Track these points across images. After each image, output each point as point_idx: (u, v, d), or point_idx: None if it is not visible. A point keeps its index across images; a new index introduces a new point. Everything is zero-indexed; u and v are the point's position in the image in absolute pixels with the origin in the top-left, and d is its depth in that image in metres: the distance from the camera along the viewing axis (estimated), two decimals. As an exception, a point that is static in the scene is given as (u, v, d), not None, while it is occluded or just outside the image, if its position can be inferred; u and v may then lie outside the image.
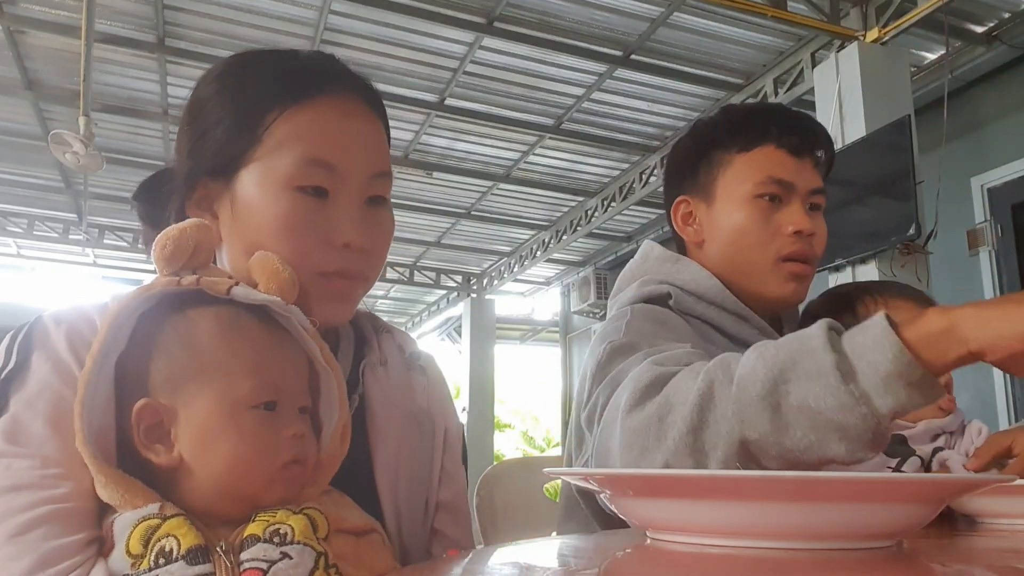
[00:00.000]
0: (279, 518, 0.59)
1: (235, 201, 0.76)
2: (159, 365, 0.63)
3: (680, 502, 0.50)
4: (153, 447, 0.61)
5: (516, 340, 12.14)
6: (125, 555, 0.56)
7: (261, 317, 0.67)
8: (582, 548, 0.59)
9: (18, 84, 5.18)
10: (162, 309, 0.65)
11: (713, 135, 1.21)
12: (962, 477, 0.63)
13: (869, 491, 0.47)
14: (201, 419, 0.61)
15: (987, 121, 4.68)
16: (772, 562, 0.46)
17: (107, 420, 0.62)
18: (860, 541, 0.48)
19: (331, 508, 0.64)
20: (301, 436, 0.64)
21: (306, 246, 0.74)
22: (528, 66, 5.05)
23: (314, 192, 0.75)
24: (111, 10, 4.43)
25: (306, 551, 0.57)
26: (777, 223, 1.14)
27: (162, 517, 0.58)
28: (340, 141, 0.76)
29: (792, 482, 0.47)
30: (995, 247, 4.56)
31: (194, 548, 0.56)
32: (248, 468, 0.61)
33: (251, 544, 0.58)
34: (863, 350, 0.64)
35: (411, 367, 0.88)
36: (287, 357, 0.66)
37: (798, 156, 1.16)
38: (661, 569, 0.48)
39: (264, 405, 0.63)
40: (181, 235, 0.66)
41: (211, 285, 0.65)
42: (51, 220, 7.92)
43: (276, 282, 0.68)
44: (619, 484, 0.55)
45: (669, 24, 4.57)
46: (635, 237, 8.13)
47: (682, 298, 1.13)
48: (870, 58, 4.03)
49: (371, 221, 0.78)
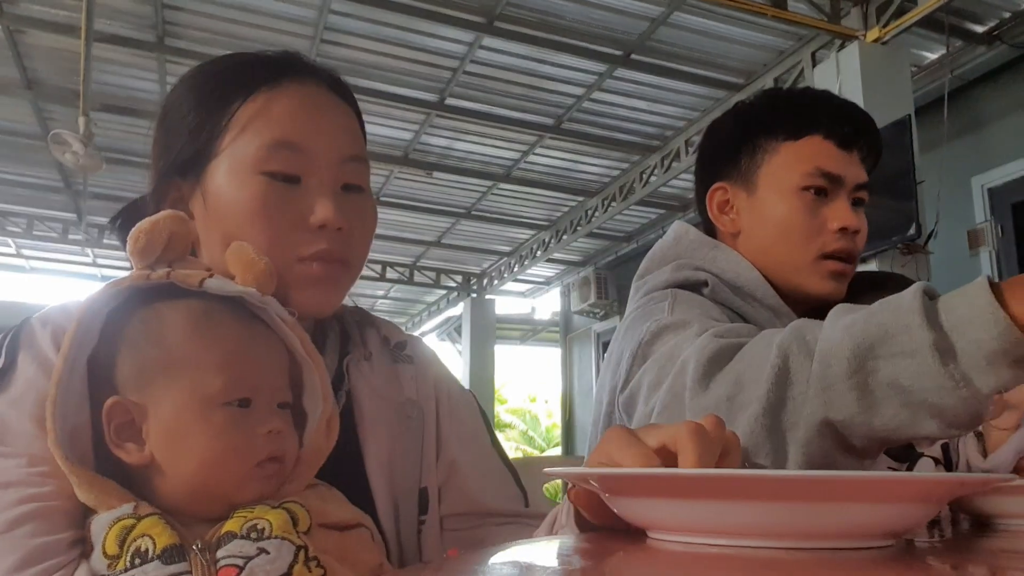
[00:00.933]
0: (256, 513, 0.59)
1: (206, 195, 0.75)
2: (128, 361, 0.62)
3: (680, 502, 0.49)
4: (124, 446, 0.60)
5: (516, 340, 12.14)
6: (102, 556, 0.56)
7: (237, 310, 0.65)
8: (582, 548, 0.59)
9: (18, 84, 5.18)
10: (132, 304, 0.64)
11: (759, 119, 1.14)
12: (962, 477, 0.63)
13: (869, 491, 0.46)
14: (171, 417, 0.60)
15: (987, 121, 4.68)
16: (772, 562, 0.46)
17: (81, 419, 0.61)
18: (860, 541, 0.48)
19: (315, 502, 0.63)
20: (278, 433, 0.62)
21: (279, 230, 0.73)
22: (528, 66, 5.06)
23: (283, 178, 0.73)
24: (111, 9, 4.43)
25: (284, 545, 0.56)
26: (823, 218, 1.08)
27: (136, 517, 0.57)
28: (307, 124, 0.75)
29: (792, 482, 0.47)
30: (995, 247, 4.57)
31: (169, 547, 0.55)
32: (220, 467, 0.60)
33: (227, 541, 0.57)
34: (964, 325, 0.59)
35: (397, 359, 0.87)
36: (264, 351, 0.65)
37: (847, 148, 1.10)
38: (661, 569, 0.48)
39: (237, 402, 0.61)
40: (153, 227, 0.65)
41: (182, 278, 0.64)
42: (51, 220, 7.93)
43: (252, 273, 0.66)
44: (619, 484, 0.55)
45: (669, 24, 4.58)
46: (635, 237, 8.14)
47: (719, 287, 1.08)
48: (870, 58, 4.03)
49: (348, 206, 0.77)
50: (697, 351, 0.79)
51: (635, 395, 0.92)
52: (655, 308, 1.02)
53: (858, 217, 1.10)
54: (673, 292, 1.06)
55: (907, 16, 3.91)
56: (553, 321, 10.76)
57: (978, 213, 4.66)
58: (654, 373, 0.89)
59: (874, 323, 0.63)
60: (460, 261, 9.40)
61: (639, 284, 1.17)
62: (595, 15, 4.54)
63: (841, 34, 4.19)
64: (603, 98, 5.46)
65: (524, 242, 8.56)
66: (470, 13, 4.53)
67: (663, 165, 6.05)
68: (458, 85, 5.27)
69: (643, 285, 1.15)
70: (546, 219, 7.90)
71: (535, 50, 4.84)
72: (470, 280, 9.86)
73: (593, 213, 7.17)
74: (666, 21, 4.54)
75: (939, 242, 3.92)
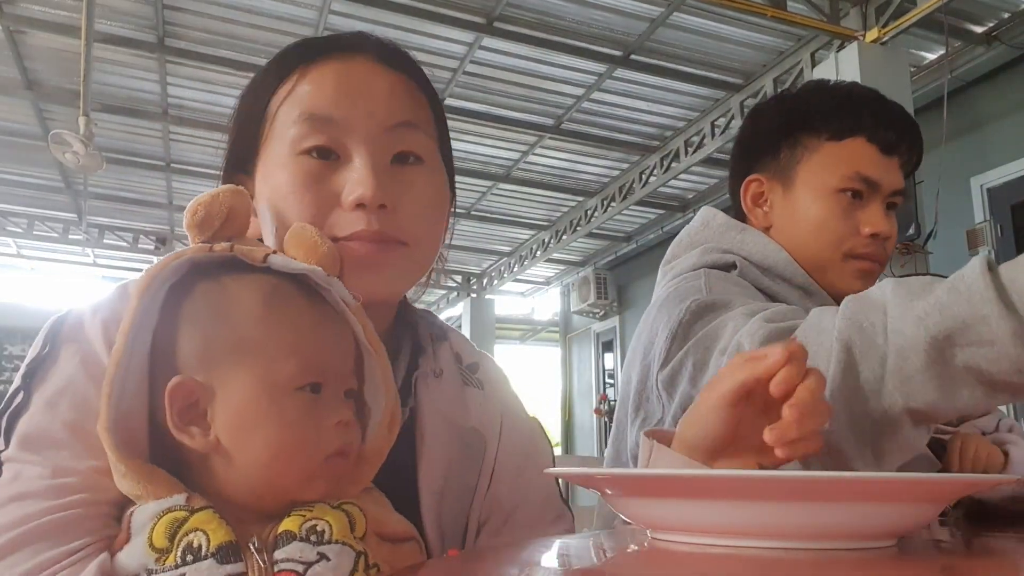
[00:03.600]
0: (316, 513, 0.55)
1: (258, 187, 0.72)
2: (193, 339, 0.57)
3: (681, 502, 0.50)
4: (188, 430, 0.55)
5: (516, 340, 12.13)
6: (148, 549, 0.52)
7: (302, 289, 0.60)
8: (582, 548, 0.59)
9: (18, 84, 5.18)
10: (194, 278, 0.59)
11: (804, 114, 1.13)
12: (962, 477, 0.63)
13: (869, 491, 0.47)
14: (240, 400, 0.55)
15: (987, 121, 4.68)
16: (772, 562, 0.46)
17: (137, 402, 0.57)
18: (860, 541, 0.48)
19: (371, 507, 0.59)
20: (347, 424, 0.58)
21: (314, 212, 0.68)
22: (528, 66, 5.06)
23: (320, 153, 0.69)
24: (111, 10, 4.43)
25: (345, 551, 0.53)
26: (856, 221, 1.08)
27: (189, 510, 0.53)
28: (341, 95, 0.70)
29: (792, 482, 0.47)
30: (995, 247, 4.56)
31: (225, 545, 0.51)
32: (289, 458, 0.55)
33: (286, 542, 0.53)
34: None
35: (467, 380, 0.81)
36: (331, 334, 0.60)
37: (888, 154, 1.10)
38: (662, 569, 0.48)
39: (309, 387, 0.57)
40: (213, 200, 0.60)
41: (246, 252, 0.60)
42: (51, 220, 7.92)
43: (315, 257, 0.61)
44: (620, 484, 0.55)
45: (669, 24, 4.58)
46: (635, 237, 8.13)
47: (747, 269, 1.08)
48: (870, 58, 4.03)
49: (397, 180, 0.70)
50: (750, 335, 0.78)
51: (677, 374, 0.92)
52: (690, 287, 1.01)
53: (890, 223, 1.11)
54: (706, 272, 1.05)
55: (906, 17, 3.91)
56: (552, 321, 10.76)
57: (977, 213, 4.66)
58: (699, 353, 0.88)
59: (949, 315, 0.64)
60: (460, 261, 9.39)
61: (667, 269, 1.17)
62: (595, 15, 4.54)
63: (840, 34, 4.19)
64: (603, 98, 5.46)
65: (524, 242, 8.56)
66: (470, 13, 4.52)
67: (663, 165, 6.05)
68: (458, 85, 5.27)
69: (671, 269, 1.15)
70: (546, 219, 7.90)
71: (535, 50, 4.84)
72: (470, 280, 9.85)
73: (593, 213, 7.17)
74: (666, 21, 4.54)
75: (938, 242, 3.92)
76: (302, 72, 0.72)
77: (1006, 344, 0.61)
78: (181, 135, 5.98)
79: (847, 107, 1.12)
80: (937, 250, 3.94)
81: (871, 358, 0.68)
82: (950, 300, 0.64)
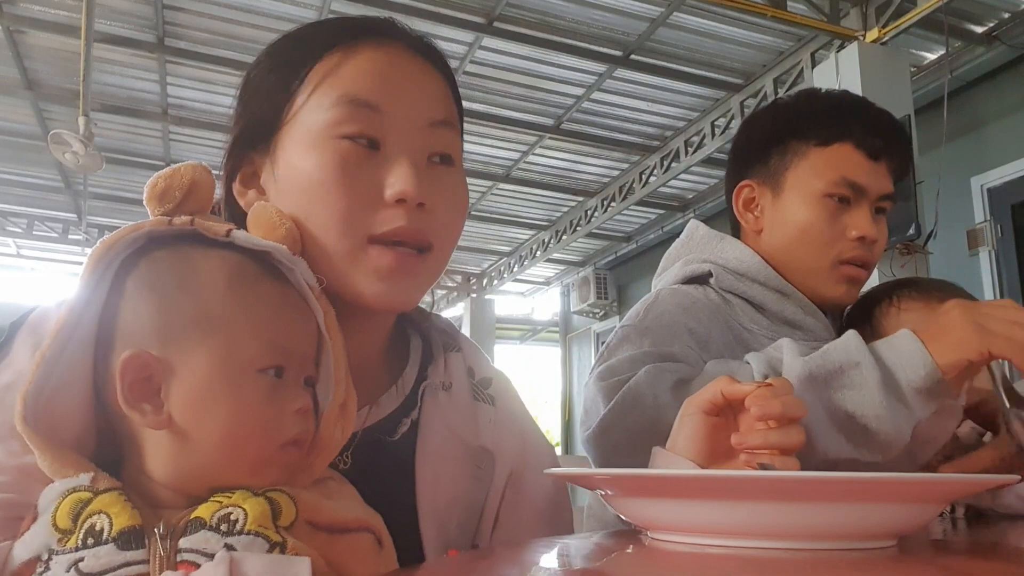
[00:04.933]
0: (234, 500, 0.51)
1: (276, 166, 0.67)
2: (150, 310, 0.54)
3: (680, 502, 0.50)
4: (139, 406, 0.52)
5: (516, 340, 12.13)
6: (51, 528, 0.49)
7: (264, 267, 0.58)
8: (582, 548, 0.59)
9: (18, 84, 5.18)
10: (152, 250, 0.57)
11: (794, 121, 1.15)
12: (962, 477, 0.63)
13: (869, 491, 0.47)
14: (198, 378, 0.52)
15: (987, 121, 4.68)
16: (772, 562, 0.46)
17: (73, 376, 0.54)
18: (860, 541, 0.48)
19: (309, 496, 0.55)
20: (306, 412, 0.56)
21: (351, 202, 0.63)
22: (528, 66, 5.05)
23: (362, 140, 0.64)
24: (111, 10, 4.43)
25: (256, 542, 0.49)
26: (842, 226, 1.11)
27: (93, 491, 0.50)
28: (385, 83, 0.66)
29: (792, 482, 0.47)
30: (995, 247, 4.56)
31: (127, 530, 0.49)
32: (246, 442, 0.53)
33: (194, 530, 0.50)
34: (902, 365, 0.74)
35: (478, 395, 0.76)
36: (295, 316, 0.57)
37: (875, 159, 1.12)
38: (661, 569, 0.48)
39: (273, 370, 0.54)
40: (174, 173, 0.58)
41: (207, 227, 0.57)
42: (51, 220, 7.92)
43: (274, 236, 0.59)
44: (620, 484, 0.55)
45: (669, 24, 4.57)
46: (635, 237, 8.13)
47: (723, 275, 1.12)
48: (870, 58, 4.03)
49: (434, 179, 0.67)
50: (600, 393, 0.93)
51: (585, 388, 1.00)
52: (634, 310, 1.09)
53: (878, 227, 1.13)
54: (659, 293, 1.11)
55: (906, 17, 3.91)
56: (553, 321, 10.75)
57: (977, 213, 4.66)
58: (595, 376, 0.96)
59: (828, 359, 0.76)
60: (460, 261, 9.39)
61: (656, 282, 1.23)
62: (595, 15, 4.54)
63: (840, 35, 4.19)
64: (603, 98, 5.46)
65: (524, 242, 8.56)
66: (470, 13, 4.52)
67: (662, 165, 6.05)
68: (458, 85, 5.25)
69: (659, 283, 1.21)
70: (546, 219, 7.90)
71: (535, 50, 4.84)
72: (470, 280, 9.85)
73: (593, 213, 7.17)
74: (666, 21, 4.54)
75: (938, 242, 3.92)
76: (344, 53, 0.67)
77: (873, 390, 0.71)
78: (181, 135, 5.98)
79: (835, 113, 1.14)
80: (937, 250, 3.94)
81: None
82: (830, 350, 0.77)
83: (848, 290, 1.12)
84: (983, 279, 4.57)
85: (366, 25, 0.71)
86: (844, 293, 1.12)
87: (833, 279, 1.11)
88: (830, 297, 1.13)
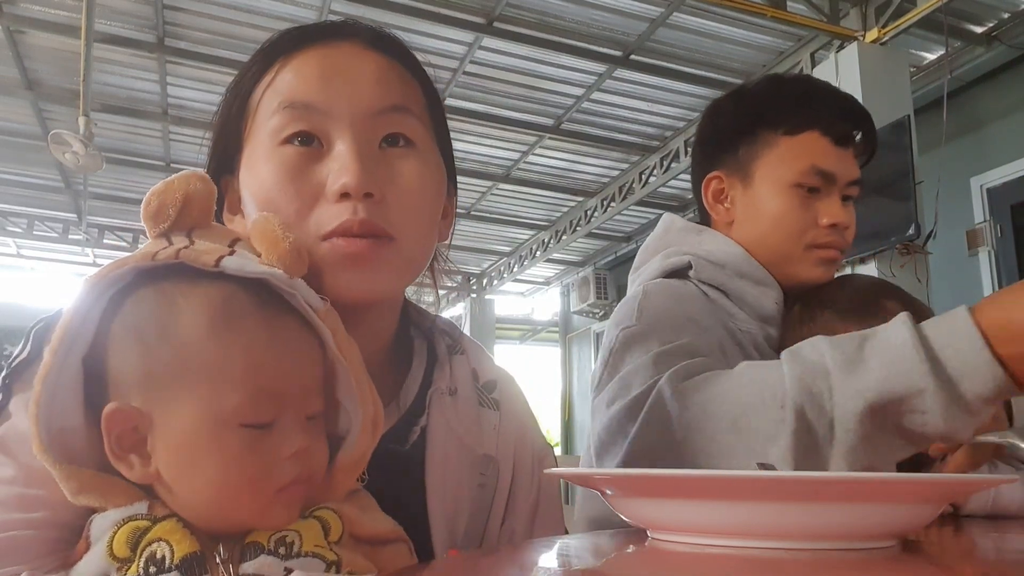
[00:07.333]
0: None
1: (243, 187, 0.68)
2: (130, 360, 0.52)
3: (680, 502, 0.50)
4: (127, 458, 0.51)
5: (516, 340, 12.13)
6: (108, 557, 0.49)
7: (262, 294, 0.54)
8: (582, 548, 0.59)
9: (18, 84, 5.18)
10: (138, 287, 0.54)
11: (761, 111, 1.15)
12: (962, 477, 0.63)
13: (869, 491, 0.47)
14: (179, 433, 0.51)
15: (987, 121, 4.68)
16: (772, 562, 0.46)
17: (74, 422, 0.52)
18: (860, 541, 0.48)
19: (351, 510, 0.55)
20: (305, 452, 0.53)
21: (299, 205, 0.63)
22: (528, 66, 5.05)
23: (303, 140, 0.64)
24: (111, 10, 4.43)
25: (313, 563, 0.50)
26: (813, 214, 1.11)
27: (152, 519, 0.50)
28: (323, 81, 0.66)
29: (792, 482, 0.47)
30: (995, 247, 4.56)
31: (189, 556, 0.49)
32: (236, 495, 0.51)
33: (254, 554, 0.50)
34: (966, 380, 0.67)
35: (483, 401, 0.76)
36: (291, 352, 0.54)
37: (843, 145, 1.12)
38: (661, 569, 0.48)
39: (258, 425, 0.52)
40: (167, 189, 0.55)
41: (194, 257, 0.53)
42: (51, 220, 7.92)
43: (277, 252, 0.55)
44: (620, 484, 0.55)
45: (669, 24, 4.57)
46: (635, 237, 8.13)
47: (703, 267, 1.11)
48: (870, 58, 4.03)
49: (386, 166, 0.65)
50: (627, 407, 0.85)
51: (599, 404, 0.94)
52: (626, 312, 1.03)
53: (847, 213, 1.13)
54: (645, 288, 1.08)
55: (906, 17, 3.91)
56: (552, 321, 10.75)
57: (977, 213, 4.66)
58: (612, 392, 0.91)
59: (887, 389, 0.68)
60: (460, 261, 9.39)
61: (634, 277, 1.21)
62: (595, 15, 4.54)
63: (840, 35, 4.19)
64: (602, 98, 5.46)
65: (524, 242, 8.56)
66: (470, 13, 4.52)
67: (662, 165, 6.05)
68: (458, 85, 5.26)
69: (637, 278, 1.19)
70: (545, 219, 7.90)
71: (535, 50, 4.84)
72: (470, 280, 9.85)
73: (592, 213, 7.17)
74: (666, 21, 4.54)
75: (938, 242, 3.92)
76: (284, 62, 0.68)
77: (938, 414, 0.67)
78: (181, 135, 5.98)
79: (802, 100, 1.14)
80: (937, 250, 3.94)
81: (822, 424, 0.71)
82: (886, 375, 0.69)
83: (825, 271, 1.14)
84: (983, 279, 4.57)
85: (313, 30, 0.71)
86: (822, 273, 1.14)
87: (809, 262, 1.13)
88: (808, 279, 1.13)
